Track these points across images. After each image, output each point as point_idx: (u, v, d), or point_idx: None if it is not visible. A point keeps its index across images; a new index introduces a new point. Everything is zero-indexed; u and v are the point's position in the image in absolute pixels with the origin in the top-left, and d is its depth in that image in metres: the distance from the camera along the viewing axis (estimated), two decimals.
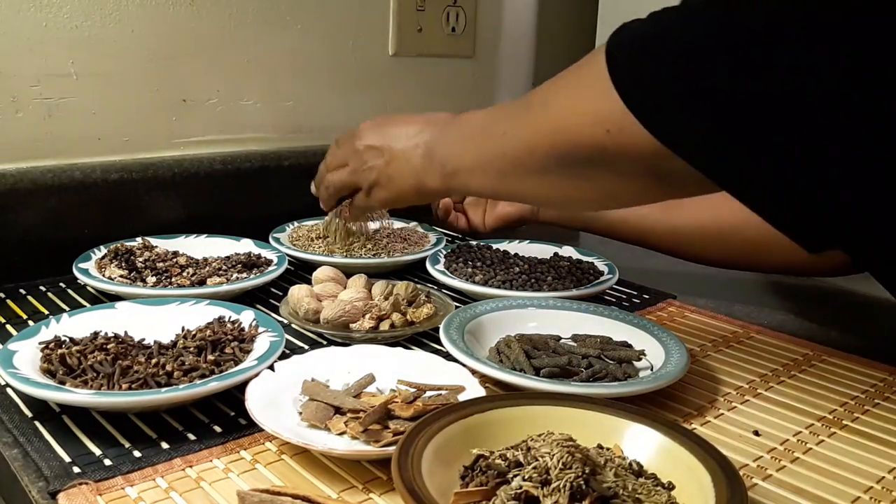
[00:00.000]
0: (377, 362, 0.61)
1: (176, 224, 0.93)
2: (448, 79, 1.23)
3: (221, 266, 0.82)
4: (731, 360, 0.70)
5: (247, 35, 0.99)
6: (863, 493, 0.50)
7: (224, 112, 0.99)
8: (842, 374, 0.67)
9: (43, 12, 0.83)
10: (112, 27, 0.88)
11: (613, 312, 0.72)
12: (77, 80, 0.87)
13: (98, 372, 0.57)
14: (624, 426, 0.49)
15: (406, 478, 0.41)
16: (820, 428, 0.58)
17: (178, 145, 0.96)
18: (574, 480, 0.41)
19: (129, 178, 0.89)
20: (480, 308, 0.72)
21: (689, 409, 0.60)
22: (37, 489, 0.47)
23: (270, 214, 1.00)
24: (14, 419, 0.55)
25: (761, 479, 0.51)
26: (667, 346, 0.65)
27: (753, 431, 0.57)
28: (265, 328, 0.65)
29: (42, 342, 0.60)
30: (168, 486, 0.48)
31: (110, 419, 0.55)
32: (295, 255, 0.88)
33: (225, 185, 0.97)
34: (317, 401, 0.55)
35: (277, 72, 1.03)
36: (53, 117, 0.86)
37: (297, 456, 0.51)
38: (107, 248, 0.84)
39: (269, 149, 1.03)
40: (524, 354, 0.63)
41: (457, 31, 1.21)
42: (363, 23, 1.10)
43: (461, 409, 0.50)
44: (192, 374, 0.57)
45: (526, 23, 1.33)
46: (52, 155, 0.86)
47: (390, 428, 0.51)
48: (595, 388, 0.57)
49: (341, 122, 1.11)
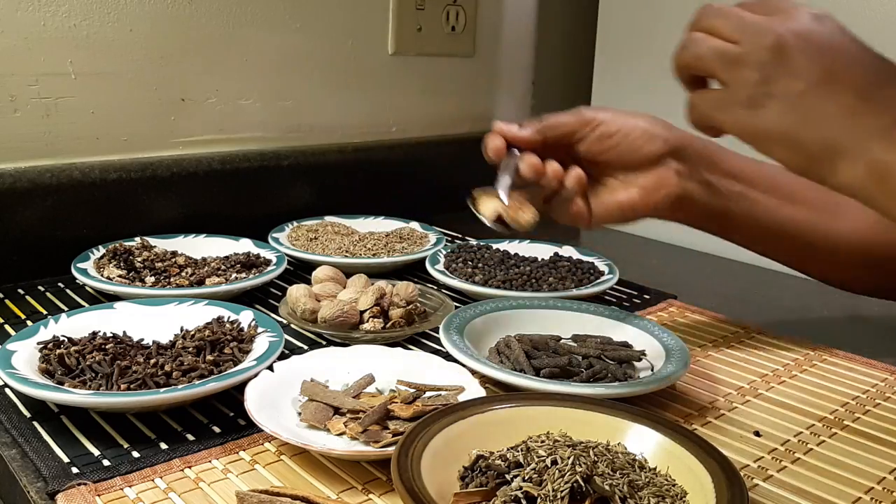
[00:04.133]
0: (377, 362, 0.61)
1: (175, 224, 0.93)
2: (448, 78, 1.23)
3: (220, 266, 0.82)
4: (732, 360, 0.69)
5: (246, 34, 0.98)
6: (863, 494, 0.50)
7: (223, 111, 0.99)
8: (842, 375, 0.67)
9: (41, 11, 0.83)
10: (111, 26, 0.88)
11: (613, 312, 0.72)
12: (75, 79, 0.86)
13: (97, 372, 0.56)
14: (624, 426, 0.49)
15: (405, 478, 0.41)
16: (821, 428, 0.58)
17: (176, 145, 0.96)
18: (574, 481, 0.41)
19: (127, 177, 0.89)
20: (480, 308, 0.72)
21: (689, 409, 0.60)
22: (35, 490, 0.47)
23: (269, 214, 1.00)
24: (12, 419, 0.55)
25: (762, 480, 0.51)
26: (667, 346, 0.65)
27: (754, 432, 0.57)
28: (264, 328, 0.65)
29: (40, 342, 0.60)
30: (167, 486, 0.48)
31: (109, 419, 0.55)
32: (294, 254, 0.88)
33: (224, 184, 0.97)
34: (316, 401, 0.54)
35: (276, 71, 1.02)
36: (52, 116, 0.86)
37: (297, 456, 0.51)
38: (105, 247, 0.84)
39: (268, 148, 1.03)
40: (524, 354, 0.63)
41: (457, 30, 1.21)
42: (363, 22, 1.10)
43: (461, 409, 0.50)
44: (191, 375, 0.57)
45: (526, 22, 1.33)
46: (51, 154, 0.86)
47: (390, 428, 0.51)
48: (595, 389, 0.57)
49: (340, 121, 1.11)
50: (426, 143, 1.19)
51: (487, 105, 1.30)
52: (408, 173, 1.17)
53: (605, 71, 1.25)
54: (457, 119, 1.25)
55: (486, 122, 1.29)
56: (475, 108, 1.28)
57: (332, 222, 1.01)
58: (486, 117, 1.30)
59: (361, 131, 1.13)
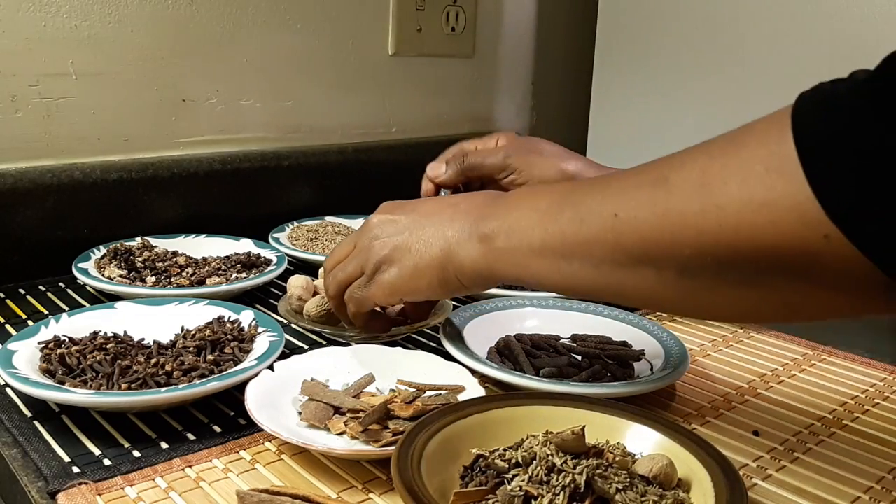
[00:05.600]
0: (377, 362, 0.61)
1: (175, 224, 0.93)
2: (448, 79, 1.23)
3: (221, 266, 0.82)
4: (731, 360, 0.70)
5: (246, 35, 0.99)
6: (863, 493, 0.50)
7: (223, 112, 0.99)
8: (841, 374, 0.67)
9: (42, 12, 0.83)
10: (111, 27, 0.88)
11: (613, 312, 0.72)
12: (76, 79, 0.87)
13: (97, 372, 0.57)
14: (624, 426, 0.49)
15: (405, 478, 0.41)
16: (820, 428, 0.58)
17: (177, 145, 0.96)
18: (573, 482, 0.41)
19: (128, 177, 0.89)
20: (480, 308, 0.72)
21: (689, 409, 0.60)
22: (36, 489, 0.47)
23: (270, 214, 1.00)
24: (13, 419, 0.55)
25: (761, 479, 0.51)
26: (667, 346, 0.65)
27: (753, 431, 0.57)
28: (265, 328, 0.65)
29: (41, 342, 0.60)
30: (167, 486, 0.48)
31: (110, 419, 0.55)
32: (294, 254, 0.88)
33: (224, 184, 0.97)
34: (316, 401, 0.55)
35: (277, 71, 1.03)
36: (53, 117, 0.86)
37: (297, 456, 0.51)
38: (106, 247, 0.84)
39: (269, 148, 1.03)
40: (524, 354, 0.63)
41: (456, 31, 1.21)
42: (363, 22, 1.10)
43: (461, 409, 0.50)
44: (192, 374, 0.57)
45: (526, 23, 1.33)
46: (52, 155, 0.86)
47: (390, 428, 0.51)
48: (595, 388, 0.57)
49: (341, 121, 1.11)
50: (426, 143, 1.19)
51: (487, 106, 1.30)
52: (408, 173, 1.17)
53: (605, 71, 1.25)
54: (456, 119, 1.25)
55: (485, 123, 1.30)
56: (475, 109, 1.28)
57: (332, 222, 1.01)
58: (486, 118, 1.30)
59: (361, 131, 1.13)
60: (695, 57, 1.12)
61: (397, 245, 0.56)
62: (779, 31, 1.02)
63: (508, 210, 0.52)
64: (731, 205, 0.39)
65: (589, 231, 0.46)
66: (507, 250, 0.50)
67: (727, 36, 1.08)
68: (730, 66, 1.08)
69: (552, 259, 0.48)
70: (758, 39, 1.04)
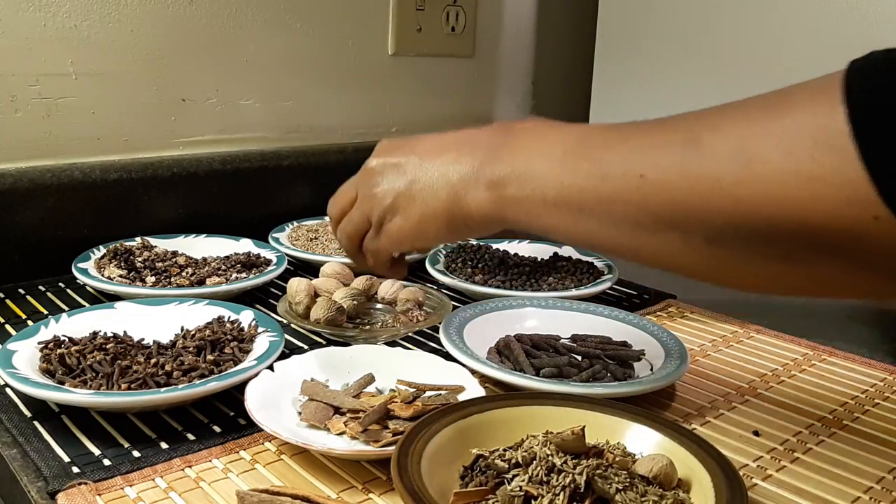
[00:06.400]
0: (377, 362, 0.61)
1: (175, 224, 0.93)
2: (448, 79, 1.23)
3: (221, 266, 0.82)
4: (731, 360, 0.70)
5: (246, 34, 0.99)
6: (863, 494, 0.50)
7: (223, 112, 0.99)
8: (842, 374, 0.67)
9: (42, 12, 0.83)
10: (111, 27, 0.88)
11: (613, 312, 0.72)
12: (76, 79, 0.86)
13: (97, 372, 0.57)
14: (624, 426, 0.49)
15: (405, 478, 0.41)
16: (820, 428, 0.58)
17: (177, 145, 0.96)
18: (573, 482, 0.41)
19: (128, 177, 0.89)
20: (480, 308, 0.72)
21: (689, 409, 0.60)
22: (36, 489, 0.47)
23: (270, 214, 1.00)
24: (13, 419, 0.55)
25: (761, 480, 0.51)
26: (667, 346, 0.65)
27: (753, 431, 0.57)
28: (264, 328, 0.65)
29: (41, 342, 0.60)
30: (167, 486, 0.48)
31: (109, 419, 0.55)
32: (294, 254, 0.88)
33: (224, 184, 0.97)
34: (316, 401, 0.55)
35: (276, 71, 1.02)
36: (52, 117, 0.86)
37: (297, 456, 0.51)
38: (106, 247, 0.84)
39: (269, 148, 1.03)
40: (524, 354, 0.63)
41: (456, 31, 1.21)
42: (363, 22, 1.10)
43: (461, 409, 0.50)
44: (192, 374, 0.57)
45: (526, 23, 1.33)
46: (52, 154, 0.86)
47: (390, 428, 0.51)
48: (595, 388, 0.57)
49: (340, 121, 1.11)
50: None
51: (487, 105, 1.30)
52: None
53: (605, 71, 1.25)
54: (457, 119, 1.25)
55: (485, 123, 1.29)
56: (475, 109, 1.28)
57: None
58: (486, 118, 1.30)
59: (361, 131, 1.13)
60: (695, 58, 1.12)
61: (400, 192, 0.54)
62: (779, 33, 1.02)
63: (516, 153, 0.49)
64: (774, 176, 0.36)
65: (611, 189, 0.43)
66: (518, 199, 0.48)
67: (727, 38, 1.08)
68: (730, 69, 1.08)
69: (567, 212, 0.45)
70: (758, 43, 1.04)
